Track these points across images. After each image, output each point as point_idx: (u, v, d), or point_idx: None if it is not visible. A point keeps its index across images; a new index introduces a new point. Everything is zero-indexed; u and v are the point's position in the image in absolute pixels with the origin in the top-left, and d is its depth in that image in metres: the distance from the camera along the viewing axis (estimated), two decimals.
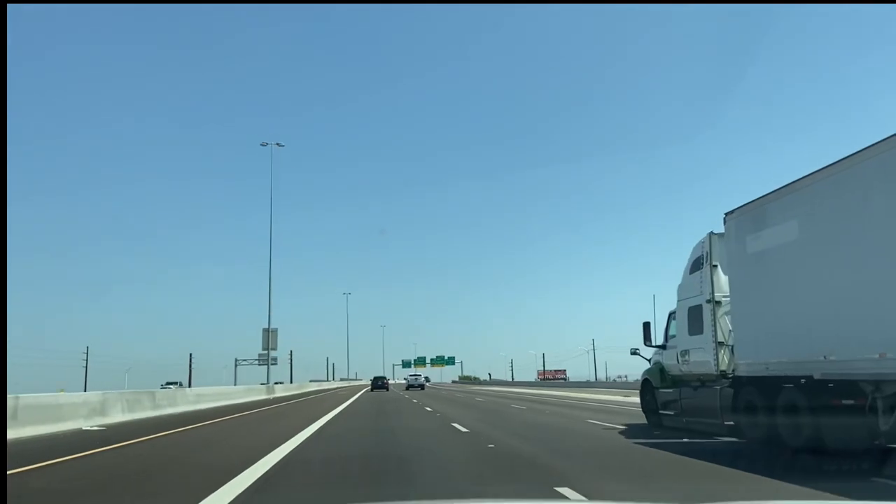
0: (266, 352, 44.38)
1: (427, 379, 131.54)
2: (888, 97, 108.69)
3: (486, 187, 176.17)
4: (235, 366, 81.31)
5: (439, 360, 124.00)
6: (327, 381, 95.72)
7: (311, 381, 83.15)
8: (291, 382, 78.16)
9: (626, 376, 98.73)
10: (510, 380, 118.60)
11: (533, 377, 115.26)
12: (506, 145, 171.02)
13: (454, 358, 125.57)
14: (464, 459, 9.48)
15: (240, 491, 6.79)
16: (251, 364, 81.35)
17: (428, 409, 23.96)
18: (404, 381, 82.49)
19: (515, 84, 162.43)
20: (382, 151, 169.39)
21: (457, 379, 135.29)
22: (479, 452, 10.30)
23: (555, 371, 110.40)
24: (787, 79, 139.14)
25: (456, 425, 15.37)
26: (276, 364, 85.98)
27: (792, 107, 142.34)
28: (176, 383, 56.03)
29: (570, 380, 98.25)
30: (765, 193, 10.27)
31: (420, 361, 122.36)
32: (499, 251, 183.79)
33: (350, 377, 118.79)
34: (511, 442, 11.83)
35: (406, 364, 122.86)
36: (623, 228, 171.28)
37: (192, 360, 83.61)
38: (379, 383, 59.35)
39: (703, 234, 12.65)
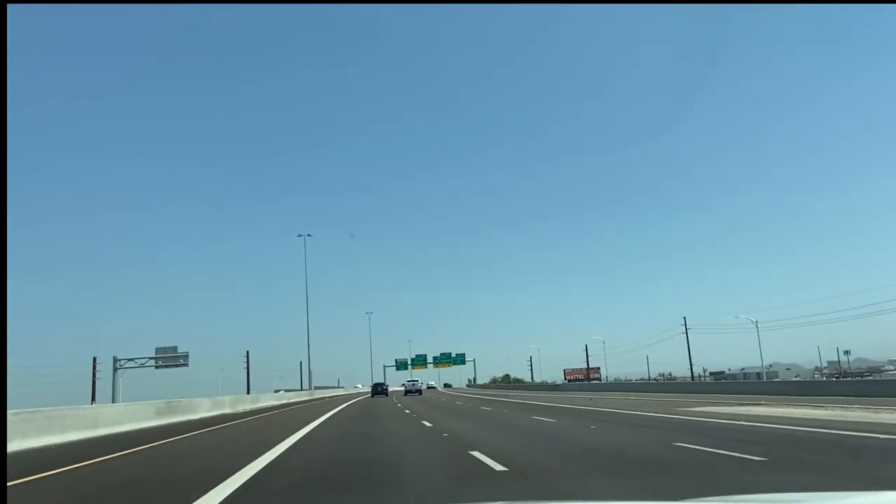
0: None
1: (447, 385, 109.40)
2: None
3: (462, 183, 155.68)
4: (114, 370, 58.63)
5: (444, 359, 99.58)
6: (301, 389, 74.66)
7: (275, 390, 63.20)
8: (248, 393, 63.07)
9: (687, 374, 78.60)
10: (530, 380, 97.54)
11: (557, 377, 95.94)
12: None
13: (464, 355, 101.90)
14: None
15: None
16: (145, 366, 59.43)
17: None
18: (402, 388, 72.21)
19: (529, 78, 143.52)
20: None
21: (469, 382, 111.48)
22: None
23: (588, 370, 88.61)
24: None
25: None
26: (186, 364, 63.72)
27: None
28: None
29: (607, 380, 79.09)
30: None
31: (419, 361, 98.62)
32: (503, 241, 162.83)
33: (332, 384, 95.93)
34: None
35: (401, 365, 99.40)
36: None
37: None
38: (379, 389, 67.71)
39: None
